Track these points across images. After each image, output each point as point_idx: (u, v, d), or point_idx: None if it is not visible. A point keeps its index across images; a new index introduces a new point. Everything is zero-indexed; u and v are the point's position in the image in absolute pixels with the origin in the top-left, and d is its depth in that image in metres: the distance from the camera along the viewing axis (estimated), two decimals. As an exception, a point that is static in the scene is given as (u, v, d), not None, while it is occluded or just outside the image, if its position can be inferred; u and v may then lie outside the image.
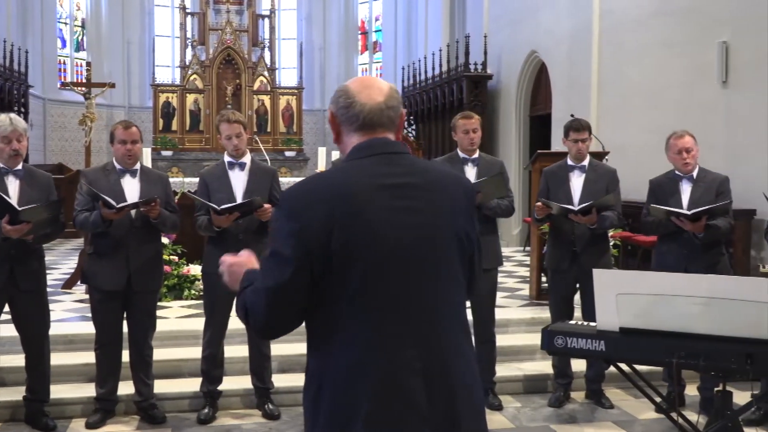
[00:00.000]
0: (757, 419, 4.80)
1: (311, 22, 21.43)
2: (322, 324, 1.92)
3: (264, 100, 17.93)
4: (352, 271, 1.86)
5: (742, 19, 7.84)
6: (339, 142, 2.07)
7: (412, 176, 1.97)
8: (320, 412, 1.90)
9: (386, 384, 1.86)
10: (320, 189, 1.93)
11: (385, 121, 2.01)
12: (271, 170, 5.13)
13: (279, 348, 5.36)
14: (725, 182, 4.95)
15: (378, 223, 1.88)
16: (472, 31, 14.10)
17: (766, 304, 2.97)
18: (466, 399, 1.95)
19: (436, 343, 1.92)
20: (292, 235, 1.88)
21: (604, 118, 9.98)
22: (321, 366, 1.93)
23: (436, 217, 1.96)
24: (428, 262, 1.93)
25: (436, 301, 1.94)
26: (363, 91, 2.01)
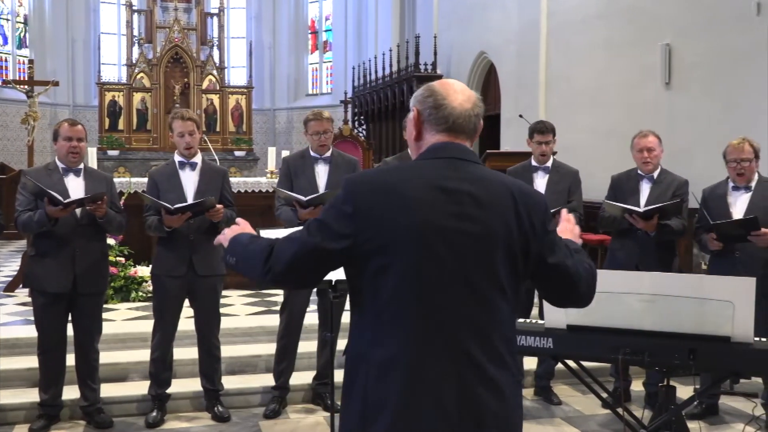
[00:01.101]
0: (699, 413, 4.92)
1: (260, 21, 21.28)
2: (364, 313, 1.97)
3: (213, 100, 17.76)
4: (396, 265, 1.90)
5: (684, 21, 8.03)
6: (418, 140, 2.09)
7: (472, 184, 1.97)
8: (353, 395, 1.96)
9: (417, 383, 1.88)
10: (381, 181, 1.99)
11: (470, 128, 2.06)
12: (222, 170, 5.09)
13: (229, 350, 5.32)
14: (684, 185, 5.04)
15: (427, 224, 1.91)
16: (422, 31, 14.16)
17: (708, 301, 3.04)
18: (498, 408, 1.94)
19: (472, 349, 1.92)
20: (344, 216, 1.94)
21: (552, 117, 10.08)
22: (358, 353, 1.97)
23: (486, 228, 1.95)
24: (471, 268, 1.93)
25: (475, 308, 1.94)
26: (452, 94, 2.05)
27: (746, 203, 4.72)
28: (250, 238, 2.16)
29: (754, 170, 4.75)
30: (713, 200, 4.85)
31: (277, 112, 21.09)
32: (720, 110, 7.50)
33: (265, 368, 5.33)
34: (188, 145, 4.76)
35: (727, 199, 4.79)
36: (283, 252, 2.00)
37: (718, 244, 4.67)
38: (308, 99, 20.88)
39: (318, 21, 21.69)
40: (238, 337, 5.65)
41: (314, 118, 4.95)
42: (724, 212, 4.74)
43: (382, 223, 1.91)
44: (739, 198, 4.77)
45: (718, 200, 4.82)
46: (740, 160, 4.70)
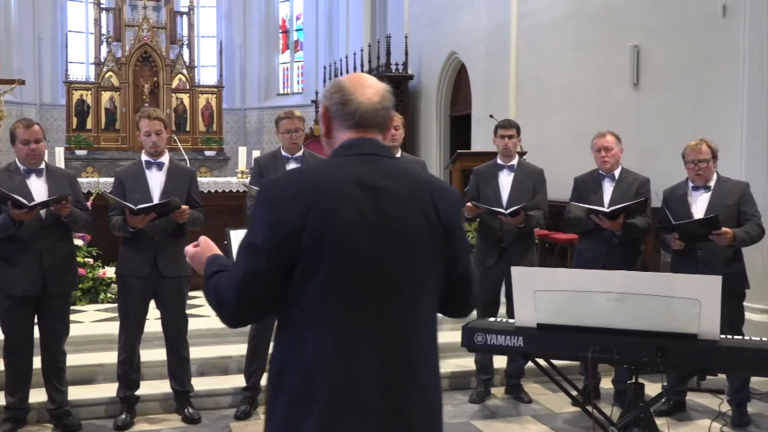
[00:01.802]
0: (668, 410, 4.99)
1: (231, 20, 21.13)
2: (291, 316, 1.92)
3: (183, 99, 17.60)
4: (320, 267, 1.87)
5: (652, 24, 8.13)
6: (329, 137, 2.06)
7: (393, 180, 1.96)
8: (278, 401, 1.92)
9: (343, 382, 1.86)
10: (299, 183, 1.94)
11: (379, 121, 2.02)
12: (190, 171, 5.05)
13: (198, 351, 5.28)
14: (646, 183, 5.11)
15: (350, 222, 1.88)
16: (393, 31, 14.17)
17: (675, 299, 3.08)
18: (424, 410, 1.94)
19: (400, 350, 1.91)
20: (268, 226, 1.88)
21: (522, 118, 10.15)
22: (284, 356, 1.93)
23: (408, 222, 1.94)
24: (394, 266, 1.92)
25: (400, 307, 1.93)
26: (359, 89, 2.01)
27: (706, 203, 4.80)
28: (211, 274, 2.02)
29: (712, 170, 4.83)
30: (674, 200, 4.92)
31: (248, 111, 20.97)
32: (687, 111, 7.60)
33: (236, 369, 5.30)
34: (155, 145, 4.72)
35: (688, 199, 4.87)
36: (227, 291, 1.92)
37: (681, 244, 4.74)
38: (279, 99, 20.78)
39: (289, 20, 21.60)
40: (208, 338, 5.61)
41: (286, 117, 4.95)
42: (685, 212, 4.81)
43: (308, 225, 1.86)
44: (699, 198, 4.84)
45: (678, 200, 4.89)
46: (698, 161, 4.78)
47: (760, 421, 4.95)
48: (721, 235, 4.55)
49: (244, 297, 1.91)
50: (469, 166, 5.71)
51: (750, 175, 5.88)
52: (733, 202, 4.77)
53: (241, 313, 1.95)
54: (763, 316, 6.03)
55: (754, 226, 4.71)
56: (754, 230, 4.70)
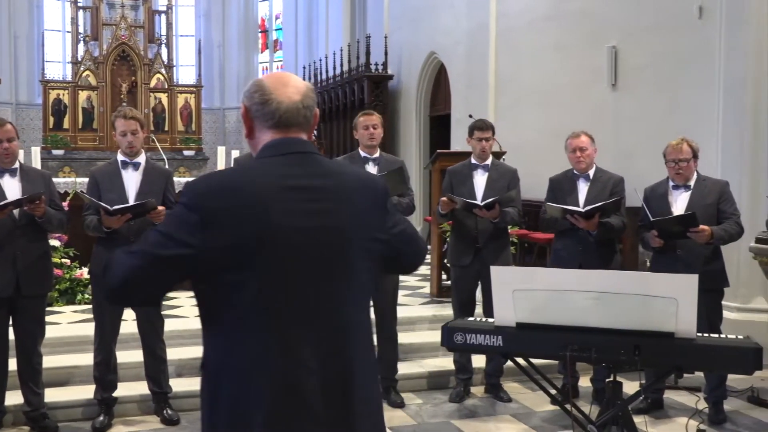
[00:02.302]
0: (645, 408, 5.02)
1: (210, 19, 21.05)
2: (223, 321, 1.89)
3: (161, 98, 17.50)
4: (251, 270, 1.84)
5: (630, 25, 8.19)
6: (251, 138, 2.03)
7: (321, 178, 1.94)
8: (219, 409, 1.88)
9: (283, 384, 1.84)
10: (225, 184, 1.91)
11: (300, 120, 1.98)
12: (167, 171, 5.02)
13: (177, 352, 5.26)
14: (620, 182, 5.14)
15: (279, 224, 1.86)
16: (372, 31, 14.17)
17: (652, 298, 3.10)
18: (363, 402, 1.93)
19: (336, 345, 1.90)
20: (189, 224, 1.84)
21: (501, 118, 10.21)
22: (220, 362, 1.90)
23: (341, 220, 1.93)
24: (331, 264, 1.91)
25: (337, 304, 1.92)
26: (280, 88, 1.97)
27: (686, 201, 4.84)
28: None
29: (692, 169, 4.87)
30: (655, 199, 4.96)
31: (227, 111, 20.90)
32: (664, 111, 7.66)
33: (215, 370, 5.27)
34: (130, 145, 4.68)
35: (668, 197, 4.91)
36: (118, 266, 1.88)
37: (660, 241, 4.78)
38: (258, 98, 20.69)
39: (268, 20, 21.55)
40: (187, 339, 5.58)
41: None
42: (665, 210, 4.86)
43: (232, 228, 1.82)
44: (679, 196, 4.89)
45: (659, 199, 4.94)
46: (678, 161, 4.82)
47: (736, 419, 5.01)
48: (699, 233, 4.59)
49: (135, 276, 1.86)
50: (449, 166, 5.71)
51: (726, 174, 5.94)
52: (712, 201, 4.81)
53: (124, 290, 1.89)
54: (740, 314, 6.10)
55: (733, 224, 4.76)
56: (733, 228, 4.75)
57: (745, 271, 6.04)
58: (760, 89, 6.27)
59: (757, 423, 4.94)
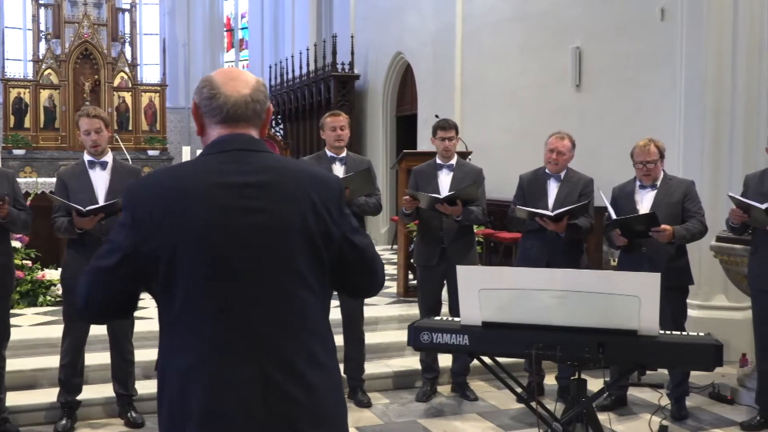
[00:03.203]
0: (609, 405, 5.09)
1: (174, 18, 20.85)
2: (163, 324, 1.89)
3: (125, 97, 17.29)
4: (181, 271, 1.82)
5: (594, 26, 8.28)
6: (202, 135, 2.00)
7: (260, 175, 1.89)
8: (162, 412, 1.89)
9: (219, 389, 1.81)
10: (157, 183, 1.90)
11: (249, 114, 1.94)
12: (136, 169, 4.97)
13: (144, 354, 5.19)
14: (590, 184, 5.20)
15: (209, 222, 1.82)
16: (339, 30, 14.15)
17: (616, 296, 3.14)
18: (310, 404, 1.87)
19: (276, 348, 1.85)
20: (126, 226, 1.86)
21: (467, 118, 10.27)
22: (163, 367, 1.90)
23: (279, 219, 1.87)
24: (267, 264, 1.86)
25: (276, 305, 1.86)
26: (228, 83, 1.94)
27: (651, 201, 4.92)
28: None
29: (659, 170, 4.95)
30: (622, 198, 5.03)
31: (192, 110, 20.72)
32: (627, 111, 7.76)
33: (181, 372, 5.23)
34: (95, 143, 4.63)
35: (635, 196, 4.98)
36: (80, 286, 1.90)
37: (624, 240, 4.85)
38: (224, 98, 20.55)
39: (234, 18, 21.41)
40: (152, 341, 5.50)
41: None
42: (631, 209, 4.93)
43: (165, 228, 1.81)
44: (645, 195, 4.96)
45: (626, 198, 5.01)
46: (646, 162, 4.89)
47: (698, 414, 5.09)
48: (660, 232, 4.66)
49: (94, 292, 1.88)
50: (415, 165, 5.73)
51: (688, 174, 6.03)
52: (677, 200, 4.89)
53: (88, 309, 1.92)
54: (702, 311, 6.20)
55: (696, 223, 4.85)
56: (696, 227, 4.83)
57: (706, 269, 6.14)
58: (720, 90, 6.38)
59: (718, 418, 5.03)
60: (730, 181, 6.18)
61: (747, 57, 6.32)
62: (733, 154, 6.36)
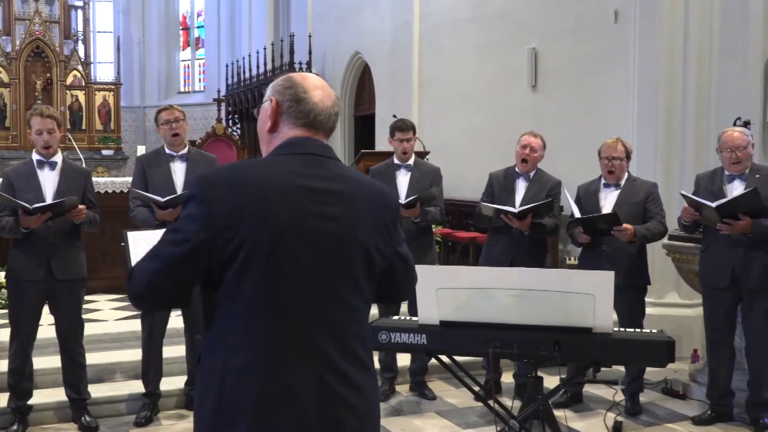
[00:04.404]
0: (565, 401, 5.15)
1: (129, 15, 20.55)
2: (222, 318, 1.87)
3: (78, 96, 16.97)
4: (253, 268, 1.82)
5: (549, 27, 8.38)
6: (273, 132, 2.01)
7: (335, 182, 1.93)
8: (205, 407, 1.87)
9: (275, 388, 1.83)
10: (238, 177, 1.88)
11: (329, 126, 2.01)
12: (85, 170, 4.89)
13: (96, 356, 5.13)
14: (557, 185, 5.24)
15: (287, 223, 1.84)
16: (296, 30, 14.10)
17: (571, 294, 3.18)
18: (357, 404, 1.91)
19: (330, 351, 1.88)
20: (199, 218, 1.83)
21: (425, 118, 10.31)
22: (212, 361, 1.88)
23: (348, 228, 1.91)
24: (331, 270, 1.89)
25: (334, 311, 1.90)
26: (314, 90, 1.99)
27: (615, 200, 5.00)
28: None
29: (624, 169, 5.03)
30: (587, 196, 5.11)
31: (147, 109, 20.42)
32: (582, 112, 7.87)
33: (135, 374, 5.16)
34: (46, 144, 4.54)
35: (599, 195, 5.06)
36: (141, 272, 1.88)
37: (586, 237, 4.92)
38: (180, 97, 20.34)
39: (190, 17, 21.18)
40: (106, 343, 5.44)
41: (164, 108, 4.87)
42: (595, 207, 5.00)
43: (240, 222, 1.81)
44: (609, 194, 5.04)
45: (591, 196, 5.08)
46: (612, 158, 4.96)
47: (651, 410, 5.18)
48: (622, 231, 4.74)
49: (157, 280, 1.86)
50: (373, 165, 5.73)
51: (640, 173, 6.12)
52: (639, 200, 4.97)
53: (150, 296, 1.91)
54: (655, 309, 6.30)
55: (657, 223, 4.93)
56: (656, 228, 4.92)
57: (659, 267, 6.25)
58: (672, 91, 6.50)
59: (671, 413, 5.13)
60: (681, 180, 6.30)
61: (698, 59, 6.45)
62: (685, 154, 6.49)
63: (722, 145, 4.77)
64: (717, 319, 4.84)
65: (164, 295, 1.92)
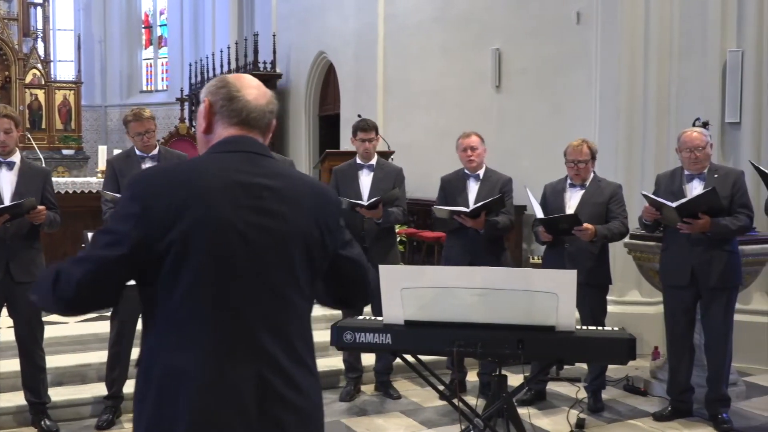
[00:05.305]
0: (529, 399, 5.20)
1: (90, 13, 20.26)
2: (158, 318, 1.85)
3: (38, 95, 16.69)
4: (189, 266, 1.80)
5: (512, 28, 8.44)
6: (208, 133, 2.00)
7: (272, 179, 1.91)
8: (144, 411, 1.84)
9: (214, 389, 1.80)
10: (172, 175, 1.87)
11: (264, 124, 2.00)
12: (44, 170, 4.81)
13: (56, 359, 5.05)
14: (508, 182, 5.30)
15: (224, 220, 1.82)
16: (260, 29, 14.02)
17: (534, 293, 3.21)
18: (299, 406, 1.90)
19: (271, 351, 1.86)
20: (132, 217, 1.80)
21: (390, 118, 10.32)
22: (152, 362, 1.85)
23: (286, 225, 1.90)
24: (270, 268, 1.87)
25: (274, 309, 1.88)
26: (248, 88, 1.99)
27: (579, 199, 5.05)
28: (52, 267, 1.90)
29: (589, 170, 5.09)
30: (552, 195, 5.16)
31: (109, 109, 20.18)
32: (545, 112, 7.94)
33: (97, 377, 5.09)
34: (3, 144, 4.46)
35: (564, 194, 5.11)
36: (70, 275, 1.81)
37: (549, 236, 4.97)
38: (142, 96, 20.12)
39: (152, 15, 20.94)
40: (67, 346, 5.36)
41: (134, 119, 4.77)
42: (559, 206, 5.05)
43: (175, 219, 1.79)
44: (574, 194, 5.09)
45: (557, 195, 5.14)
46: (577, 161, 5.02)
47: (613, 406, 5.25)
48: (583, 231, 4.79)
49: (89, 283, 1.81)
50: (338, 165, 5.72)
51: (603, 174, 6.19)
52: (602, 201, 5.03)
53: (79, 299, 1.83)
54: (617, 306, 6.38)
55: (618, 224, 4.99)
56: (618, 228, 4.98)
57: (621, 265, 6.33)
58: (633, 92, 6.59)
59: (632, 410, 5.20)
60: (642, 180, 6.39)
61: (658, 60, 6.55)
62: (646, 154, 6.59)
63: (681, 145, 4.84)
64: (677, 316, 4.92)
65: (93, 299, 1.86)
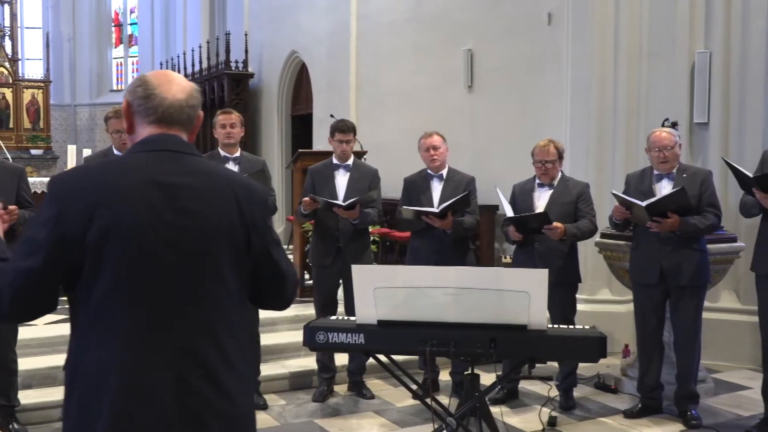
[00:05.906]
0: (501, 398, 5.23)
1: (59, 11, 20.00)
2: (79, 319, 1.85)
3: (5, 94, 16.48)
4: (107, 267, 1.80)
5: (484, 29, 8.48)
6: (131, 133, 1.99)
7: (192, 177, 1.90)
8: (70, 413, 1.85)
9: (133, 388, 1.79)
10: (87, 177, 1.87)
11: (183, 119, 1.97)
12: (19, 169, 4.74)
13: (26, 362, 4.98)
14: (471, 182, 5.33)
15: (139, 221, 1.81)
16: (232, 28, 13.94)
17: (506, 292, 3.23)
18: (222, 406, 1.88)
19: (194, 349, 1.85)
20: (50, 221, 1.80)
21: (362, 118, 10.30)
22: (75, 363, 1.86)
23: (206, 223, 1.88)
24: (191, 265, 1.86)
25: (197, 307, 1.87)
26: (164, 84, 1.96)
27: (548, 199, 5.09)
28: None
29: (557, 170, 5.13)
30: (521, 195, 5.19)
31: (78, 108, 19.94)
32: (517, 112, 7.98)
33: (67, 379, 5.03)
34: None
35: (533, 194, 5.15)
36: (1, 289, 1.80)
37: (519, 235, 5.00)
38: (113, 95, 19.89)
39: (122, 13, 20.73)
40: (35, 348, 5.29)
41: (115, 116, 4.76)
42: (528, 206, 5.09)
43: (92, 220, 1.78)
44: (542, 194, 5.13)
45: (525, 195, 5.17)
46: (545, 161, 5.06)
47: (584, 404, 5.29)
48: (552, 230, 4.83)
49: (20, 294, 1.81)
50: (310, 165, 5.71)
51: (573, 174, 6.24)
52: (571, 200, 5.07)
53: (16, 311, 1.84)
54: (587, 305, 6.44)
55: (587, 222, 5.04)
56: (586, 226, 5.02)
57: (591, 264, 6.39)
58: (603, 93, 6.66)
59: (603, 407, 5.25)
60: (613, 179, 6.45)
61: (628, 61, 6.62)
62: (616, 154, 6.66)
63: (651, 145, 4.90)
64: (647, 314, 4.97)
65: (31, 307, 1.86)
